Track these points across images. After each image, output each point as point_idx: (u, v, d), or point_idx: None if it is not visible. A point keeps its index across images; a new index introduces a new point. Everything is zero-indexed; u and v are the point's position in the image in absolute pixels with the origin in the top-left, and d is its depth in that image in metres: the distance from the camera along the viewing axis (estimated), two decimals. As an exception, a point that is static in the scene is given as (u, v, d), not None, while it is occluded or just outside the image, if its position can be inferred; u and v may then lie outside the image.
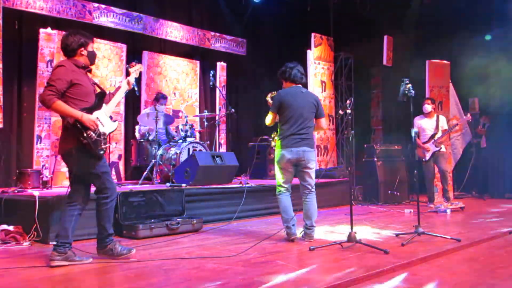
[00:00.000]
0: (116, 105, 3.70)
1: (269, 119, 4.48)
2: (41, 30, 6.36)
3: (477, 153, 8.59)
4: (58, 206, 4.29)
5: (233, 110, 6.92)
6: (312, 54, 8.66)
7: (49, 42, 6.41)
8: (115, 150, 7.20)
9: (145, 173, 6.35)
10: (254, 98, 10.06)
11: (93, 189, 3.62)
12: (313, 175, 4.37)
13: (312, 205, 4.34)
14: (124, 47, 7.47)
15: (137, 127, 7.08)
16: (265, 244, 4.16)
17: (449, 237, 4.29)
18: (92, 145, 3.35)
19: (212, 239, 4.49)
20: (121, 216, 4.64)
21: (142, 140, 6.72)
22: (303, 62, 8.76)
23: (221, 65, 9.07)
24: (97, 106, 3.48)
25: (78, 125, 3.32)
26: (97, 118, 3.42)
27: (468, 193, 8.45)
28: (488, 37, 8.49)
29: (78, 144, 3.36)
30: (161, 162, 6.42)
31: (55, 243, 3.44)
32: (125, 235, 4.55)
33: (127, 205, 4.72)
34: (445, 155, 6.91)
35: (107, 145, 3.48)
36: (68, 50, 3.50)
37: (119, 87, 3.78)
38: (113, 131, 3.65)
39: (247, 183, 6.18)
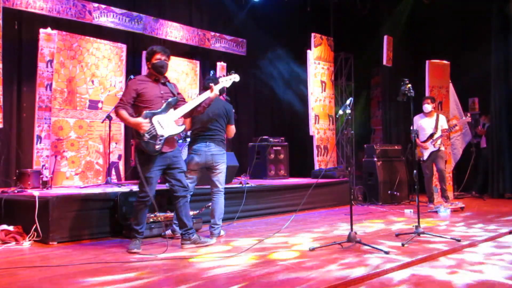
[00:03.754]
0: (189, 111, 4.01)
1: None
2: (41, 30, 6.35)
3: (477, 153, 8.59)
4: (58, 206, 4.30)
5: (233, 110, 6.90)
6: (312, 54, 8.66)
7: (49, 42, 6.40)
8: (115, 150, 7.19)
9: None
10: (254, 98, 10.06)
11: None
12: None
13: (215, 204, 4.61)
14: (124, 47, 7.46)
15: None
16: (265, 244, 4.16)
17: (449, 237, 4.29)
18: (143, 145, 3.78)
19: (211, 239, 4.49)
20: (121, 216, 4.64)
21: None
22: (303, 62, 8.78)
23: (221, 65, 9.06)
24: (163, 110, 3.86)
25: (135, 129, 3.82)
26: (158, 121, 3.82)
27: (468, 193, 8.45)
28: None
29: (136, 144, 3.89)
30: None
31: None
32: (125, 235, 4.55)
33: (127, 205, 4.72)
34: (443, 155, 6.90)
35: (160, 146, 3.81)
36: (147, 63, 4.02)
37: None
38: (176, 134, 3.96)
39: (247, 183, 6.19)
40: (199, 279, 3.03)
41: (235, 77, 4.29)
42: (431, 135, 6.78)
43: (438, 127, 6.79)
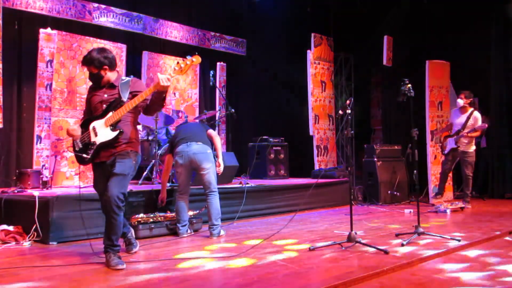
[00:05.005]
0: (129, 109, 3.44)
1: None
2: (41, 30, 6.35)
3: (477, 153, 8.57)
4: (58, 206, 4.30)
5: (233, 110, 6.90)
6: (312, 54, 8.66)
7: (49, 42, 6.40)
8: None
9: (145, 173, 6.35)
10: (254, 98, 10.05)
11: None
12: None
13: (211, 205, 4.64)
14: (124, 47, 7.45)
15: (138, 127, 7.06)
16: (265, 244, 4.16)
17: (449, 237, 4.29)
18: (75, 152, 3.54)
19: (212, 239, 4.49)
20: (121, 216, 4.63)
21: (142, 140, 6.72)
22: (303, 62, 8.77)
23: (221, 65, 9.06)
24: (101, 115, 3.46)
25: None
26: (93, 127, 3.47)
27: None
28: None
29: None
30: (161, 162, 6.42)
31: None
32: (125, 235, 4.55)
33: (127, 205, 4.69)
34: (469, 159, 6.69)
35: (89, 156, 3.43)
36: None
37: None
38: (109, 141, 3.42)
39: (247, 183, 6.18)
40: (199, 279, 3.03)
41: (196, 59, 3.54)
42: (457, 132, 6.74)
43: (467, 125, 6.66)
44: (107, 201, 3.35)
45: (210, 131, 4.85)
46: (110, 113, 3.43)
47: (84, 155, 3.45)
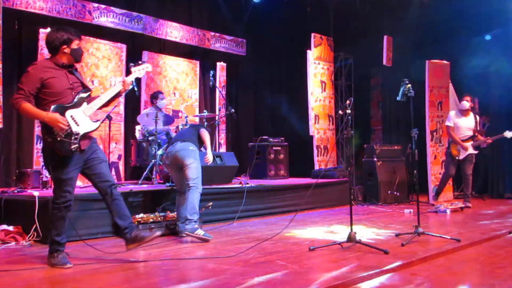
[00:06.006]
0: (104, 104, 3.53)
1: None
2: (41, 30, 6.35)
3: (477, 153, 8.57)
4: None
5: (233, 110, 6.91)
6: (312, 54, 8.66)
7: (49, 42, 6.40)
8: (115, 150, 7.20)
9: (145, 173, 6.35)
10: (254, 98, 10.05)
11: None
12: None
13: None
14: (124, 47, 7.47)
15: (137, 127, 7.07)
16: (265, 244, 4.16)
17: (449, 237, 4.29)
18: (56, 144, 3.24)
19: (211, 239, 4.49)
20: (121, 216, 4.63)
21: (142, 139, 6.72)
22: (303, 62, 8.77)
23: (221, 65, 9.07)
24: (75, 104, 3.35)
25: (47, 125, 3.24)
26: (71, 116, 3.30)
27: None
28: (488, 37, 8.47)
29: (44, 141, 3.33)
30: (160, 162, 6.42)
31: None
32: (125, 235, 4.55)
33: (127, 205, 4.71)
34: (473, 159, 6.78)
35: (76, 145, 3.30)
36: (51, 48, 3.41)
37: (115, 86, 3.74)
38: (91, 132, 3.44)
39: (247, 183, 6.18)
40: (199, 279, 3.03)
41: (148, 67, 3.77)
42: (472, 137, 6.66)
43: (478, 127, 6.67)
44: (113, 186, 3.52)
45: (202, 130, 4.90)
46: (85, 104, 3.40)
47: (76, 145, 3.30)
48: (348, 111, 4.19)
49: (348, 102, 4.26)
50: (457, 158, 6.75)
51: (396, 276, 3.18)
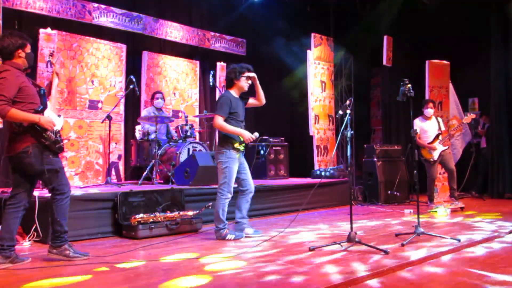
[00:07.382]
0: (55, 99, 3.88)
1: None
2: (41, 30, 6.35)
3: (477, 153, 8.59)
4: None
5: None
6: (312, 54, 8.66)
7: (49, 42, 6.40)
8: (115, 150, 7.19)
9: (145, 173, 6.35)
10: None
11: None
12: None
13: None
14: (124, 47, 7.46)
15: (138, 127, 7.08)
16: (265, 244, 4.16)
17: (448, 237, 4.29)
18: (52, 145, 3.51)
19: (212, 239, 4.49)
20: (121, 216, 4.64)
21: (142, 139, 6.72)
22: (303, 62, 8.77)
23: (221, 65, 9.06)
24: (45, 105, 3.55)
25: (38, 128, 3.41)
26: (48, 116, 3.52)
27: (468, 193, 8.45)
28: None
29: (37, 144, 3.46)
30: (161, 162, 6.42)
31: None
32: (125, 235, 4.56)
33: (127, 205, 4.72)
34: (451, 155, 6.91)
35: (65, 141, 3.58)
36: (6, 53, 3.46)
37: (51, 82, 3.94)
38: (61, 126, 3.75)
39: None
40: (198, 280, 3.03)
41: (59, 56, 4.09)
42: (437, 136, 6.77)
43: (441, 127, 6.83)
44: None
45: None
46: (48, 101, 3.64)
47: (62, 142, 3.63)
48: (348, 111, 4.19)
49: (348, 102, 4.26)
50: (432, 160, 6.80)
51: (396, 276, 3.18)
